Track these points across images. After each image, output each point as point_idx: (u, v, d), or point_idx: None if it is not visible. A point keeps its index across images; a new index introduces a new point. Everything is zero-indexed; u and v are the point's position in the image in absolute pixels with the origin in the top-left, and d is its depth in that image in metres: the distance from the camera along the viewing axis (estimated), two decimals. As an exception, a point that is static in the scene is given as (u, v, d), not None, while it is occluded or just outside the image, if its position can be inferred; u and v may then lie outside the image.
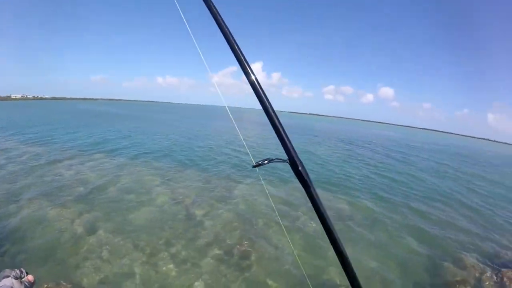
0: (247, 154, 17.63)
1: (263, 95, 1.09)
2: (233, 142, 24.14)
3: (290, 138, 1.09)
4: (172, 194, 9.97)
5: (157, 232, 7.17)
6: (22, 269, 1.31)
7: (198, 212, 8.58)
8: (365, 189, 12.72)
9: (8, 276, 1.21)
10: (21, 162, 12.90)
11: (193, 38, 1.35)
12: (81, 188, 9.86)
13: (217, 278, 5.72)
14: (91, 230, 7.04)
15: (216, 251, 6.58)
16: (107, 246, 6.36)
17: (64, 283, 5.06)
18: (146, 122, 40.87)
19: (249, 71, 1.12)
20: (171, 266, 5.91)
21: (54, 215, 7.71)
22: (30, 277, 1.33)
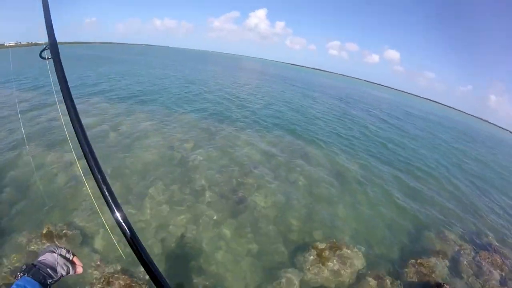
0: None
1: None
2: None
3: (287, 90, 0.79)
4: (168, 138, 10.22)
5: (153, 175, 7.46)
6: (71, 250, 1.21)
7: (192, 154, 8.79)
8: (352, 151, 12.83)
9: (53, 252, 1.13)
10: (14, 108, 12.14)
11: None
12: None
13: (207, 220, 6.16)
14: (88, 173, 6.78)
15: (210, 194, 7.00)
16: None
17: (61, 224, 5.32)
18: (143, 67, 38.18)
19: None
20: (165, 207, 6.32)
21: (51, 159, 7.73)
22: (80, 269, 1.22)
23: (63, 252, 1.18)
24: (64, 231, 5.22)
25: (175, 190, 7.05)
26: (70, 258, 1.20)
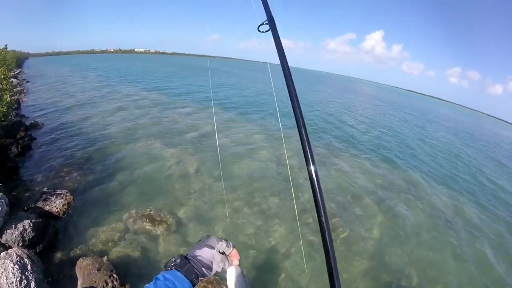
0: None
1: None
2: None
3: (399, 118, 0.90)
4: (276, 152, 10.69)
5: (255, 185, 7.98)
6: (231, 243, 1.09)
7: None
8: (467, 195, 11.06)
9: (213, 248, 1.02)
10: (143, 106, 16.40)
11: None
12: (193, 134, 11.76)
13: (302, 240, 6.10)
14: (197, 171, 8.40)
15: (309, 215, 6.82)
16: (207, 188, 7.49)
17: (158, 211, 6.21)
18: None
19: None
20: (261, 217, 6.64)
21: (167, 154, 9.40)
22: (235, 261, 1.10)
23: (223, 246, 1.07)
24: (164, 218, 6.00)
25: (274, 203, 7.30)
26: (228, 253, 1.09)
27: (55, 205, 5.56)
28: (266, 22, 1.50)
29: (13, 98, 7.37)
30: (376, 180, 10.17)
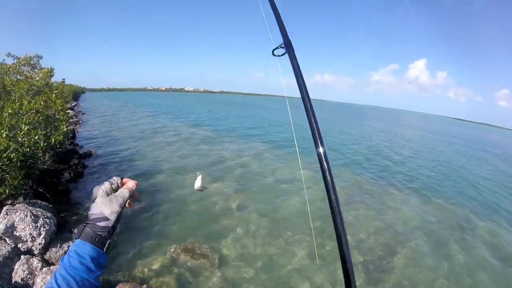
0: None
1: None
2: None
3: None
4: (322, 194, 10.03)
5: (297, 226, 7.54)
6: (115, 178, 1.07)
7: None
8: None
9: (95, 199, 0.99)
10: (191, 141, 17.50)
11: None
12: (240, 170, 11.87)
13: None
14: (241, 208, 8.30)
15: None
16: (252, 226, 7.31)
17: (201, 245, 6.09)
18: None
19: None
20: (305, 262, 6.11)
21: (213, 189, 9.44)
22: (131, 183, 1.06)
23: (107, 188, 1.02)
24: (207, 253, 5.83)
25: (317, 242, 6.85)
26: (118, 184, 1.06)
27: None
28: (282, 45, 1.43)
29: (69, 128, 7.95)
30: (426, 217, 9.23)
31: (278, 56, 1.43)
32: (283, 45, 1.42)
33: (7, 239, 3.95)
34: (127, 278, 4.73)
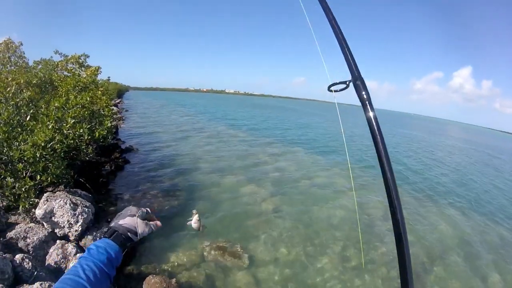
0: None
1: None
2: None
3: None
4: (360, 203, 9.78)
5: (332, 234, 7.34)
6: (148, 209, 1.30)
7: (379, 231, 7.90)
8: None
9: (133, 215, 1.21)
10: (231, 142, 17.71)
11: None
12: (276, 174, 11.78)
13: None
14: (276, 211, 8.20)
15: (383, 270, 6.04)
16: (285, 230, 7.15)
17: (233, 244, 6.07)
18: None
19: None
20: (335, 272, 5.83)
21: (249, 190, 9.55)
22: (158, 222, 1.33)
23: (143, 214, 1.24)
24: (238, 253, 5.79)
25: (348, 255, 6.46)
26: (149, 218, 1.28)
27: (139, 223, 5.83)
28: (350, 81, 1.20)
29: (112, 123, 8.33)
30: (462, 234, 8.45)
31: (336, 91, 1.25)
32: (348, 81, 1.21)
33: (45, 224, 4.20)
34: (157, 271, 4.83)
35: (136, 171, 10.01)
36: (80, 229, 4.33)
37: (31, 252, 3.78)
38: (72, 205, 4.43)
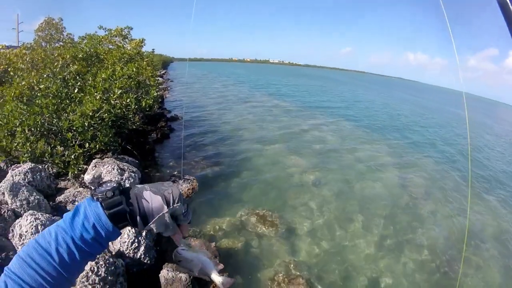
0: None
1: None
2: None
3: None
4: (403, 180, 9.42)
5: (374, 209, 7.15)
6: (190, 214, 0.89)
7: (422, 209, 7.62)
8: None
9: (168, 203, 0.78)
10: (274, 112, 17.74)
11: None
12: (319, 146, 11.68)
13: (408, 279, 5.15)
14: (317, 183, 8.13)
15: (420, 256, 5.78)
16: (325, 203, 7.09)
17: (272, 213, 6.12)
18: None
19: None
20: (372, 249, 5.72)
21: (291, 161, 9.58)
22: (179, 235, 0.90)
23: (180, 211, 0.83)
24: (276, 221, 5.87)
25: (388, 233, 6.30)
26: (180, 222, 0.86)
27: (182, 187, 6.15)
28: None
29: (158, 93, 8.60)
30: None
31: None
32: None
33: (92, 188, 4.52)
34: (198, 235, 5.08)
35: (180, 139, 10.33)
36: (126, 192, 4.64)
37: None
38: (119, 170, 4.75)
